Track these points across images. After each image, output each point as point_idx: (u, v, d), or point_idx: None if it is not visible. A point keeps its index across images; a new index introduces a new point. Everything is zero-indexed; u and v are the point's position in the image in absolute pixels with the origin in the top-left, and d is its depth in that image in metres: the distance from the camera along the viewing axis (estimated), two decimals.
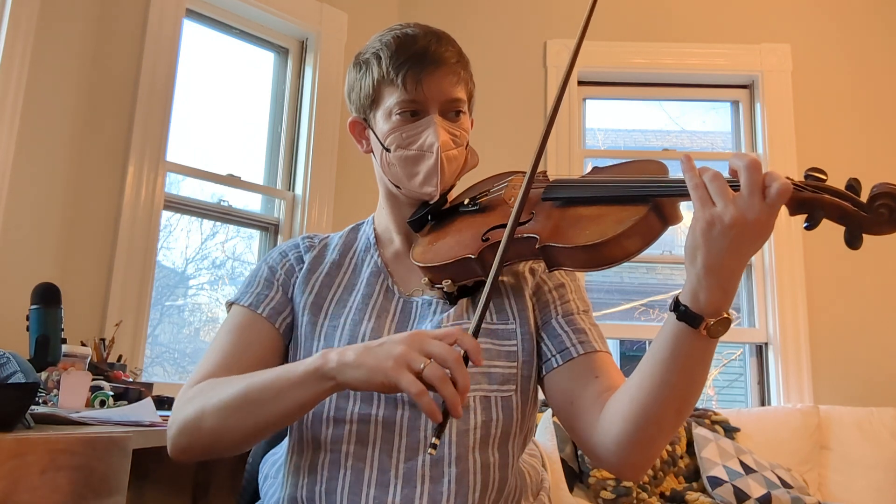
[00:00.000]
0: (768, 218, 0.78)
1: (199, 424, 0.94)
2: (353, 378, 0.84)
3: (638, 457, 0.93)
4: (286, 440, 1.10)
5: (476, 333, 0.85)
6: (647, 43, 3.43)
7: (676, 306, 0.84)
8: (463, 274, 1.02)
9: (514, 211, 0.93)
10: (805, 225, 0.82)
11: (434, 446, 0.79)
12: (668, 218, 0.91)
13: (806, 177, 0.82)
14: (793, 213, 0.82)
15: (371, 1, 3.38)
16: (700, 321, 0.82)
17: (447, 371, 0.80)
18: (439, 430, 0.80)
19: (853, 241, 0.81)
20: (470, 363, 0.82)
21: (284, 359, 1.11)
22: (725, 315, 0.82)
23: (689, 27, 3.46)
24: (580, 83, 3.47)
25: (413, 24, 1.11)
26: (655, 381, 0.87)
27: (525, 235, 0.97)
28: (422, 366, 0.79)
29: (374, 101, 1.10)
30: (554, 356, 1.03)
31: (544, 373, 1.04)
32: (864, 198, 0.80)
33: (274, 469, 1.11)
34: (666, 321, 0.86)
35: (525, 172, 1.11)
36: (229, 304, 1.12)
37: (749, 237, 0.78)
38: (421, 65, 1.05)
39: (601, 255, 0.90)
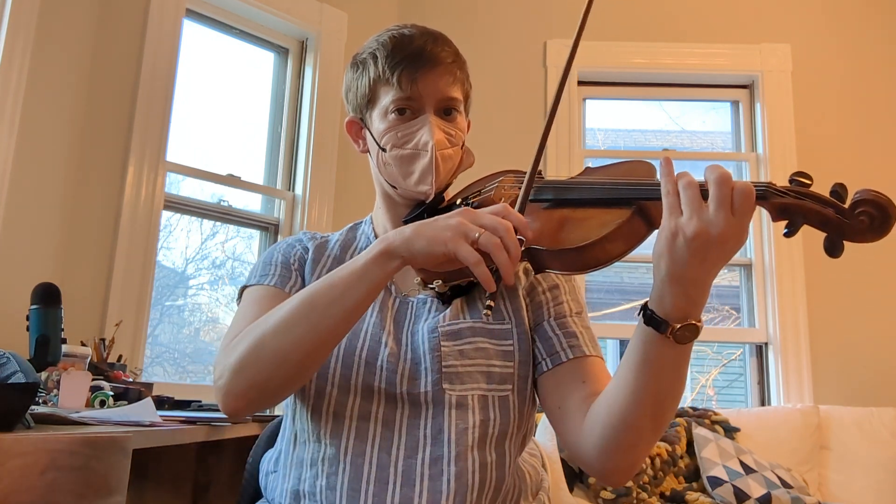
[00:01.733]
0: (737, 231, 0.76)
1: (259, 353, 0.91)
2: (416, 249, 0.88)
3: (619, 463, 0.92)
4: (280, 438, 1.11)
5: (522, 210, 0.92)
6: (647, 43, 3.43)
7: (644, 311, 0.84)
8: (454, 275, 1.01)
9: (518, 201, 0.95)
10: (784, 232, 0.81)
11: (490, 308, 0.87)
12: (653, 221, 0.90)
13: (791, 181, 0.81)
14: (775, 219, 0.81)
15: (371, 1, 3.38)
16: (666, 326, 0.81)
17: (499, 240, 0.84)
18: (493, 296, 0.87)
19: (833, 249, 0.79)
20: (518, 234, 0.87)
21: None
22: (693, 321, 0.81)
23: (689, 27, 3.46)
24: (580, 83, 3.47)
25: (410, 24, 1.11)
26: (629, 387, 0.87)
27: None
28: (477, 235, 0.84)
29: (370, 100, 1.10)
30: (544, 359, 1.04)
31: (536, 375, 1.05)
32: (847, 203, 0.78)
33: (273, 464, 1.11)
34: (636, 327, 0.86)
35: (517, 171, 1.11)
36: (244, 288, 1.11)
37: (714, 250, 0.77)
38: (416, 64, 1.05)
39: (584, 259, 0.90)
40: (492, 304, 0.86)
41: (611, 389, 0.91)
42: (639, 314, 0.84)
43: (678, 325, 0.81)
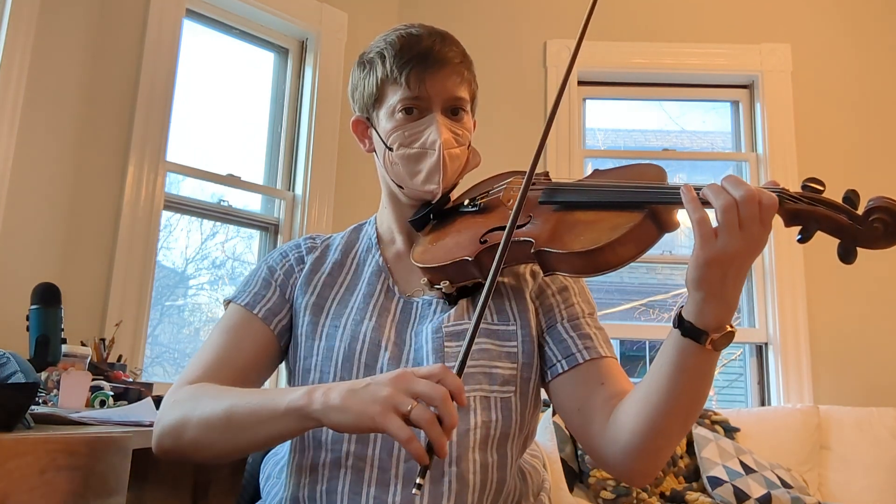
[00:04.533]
0: (766, 237, 0.80)
1: (182, 432, 0.94)
2: (339, 421, 0.81)
3: (646, 465, 0.94)
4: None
5: (460, 372, 0.82)
6: (647, 43, 3.43)
7: (681, 323, 0.85)
8: (461, 276, 1.01)
9: (511, 216, 0.92)
10: (798, 237, 0.82)
11: (419, 486, 0.77)
12: (664, 225, 0.90)
13: (803, 187, 0.82)
14: (788, 224, 0.83)
15: (371, 1, 3.38)
16: (705, 337, 0.83)
17: (433, 409, 0.77)
18: (425, 471, 0.78)
19: (847, 256, 0.81)
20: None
21: (279, 359, 1.11)
22: (729, 328, 0.84)
23: (689, 27, 3.46)
24: (580, 83, 3.47)
25: (418, 24, 1.11)
26: (662, 395, 0.88)
27: (521, 239, 0.96)
28: (409, 407, 0.77)
29: (377, 99, 1.10)
30: (559, 361, 1.03)
31: (549, 378, 1.05)
32: (860, 210, 0.79)
33: (276, 469, 1.12)
34: (669, 337, 0.87)
35: (525, 172, 1.11)
36: (227, 302, 1.13)
37: (749, 261, 0.81)
38: (424, 64, 1.05)
39: (595, 262, 0.90)
40: (421, 482, 0.77)
41: (640, 396, 0.91)
42: (675, 326, 0.86)
43: (717, 335, 0.83)
